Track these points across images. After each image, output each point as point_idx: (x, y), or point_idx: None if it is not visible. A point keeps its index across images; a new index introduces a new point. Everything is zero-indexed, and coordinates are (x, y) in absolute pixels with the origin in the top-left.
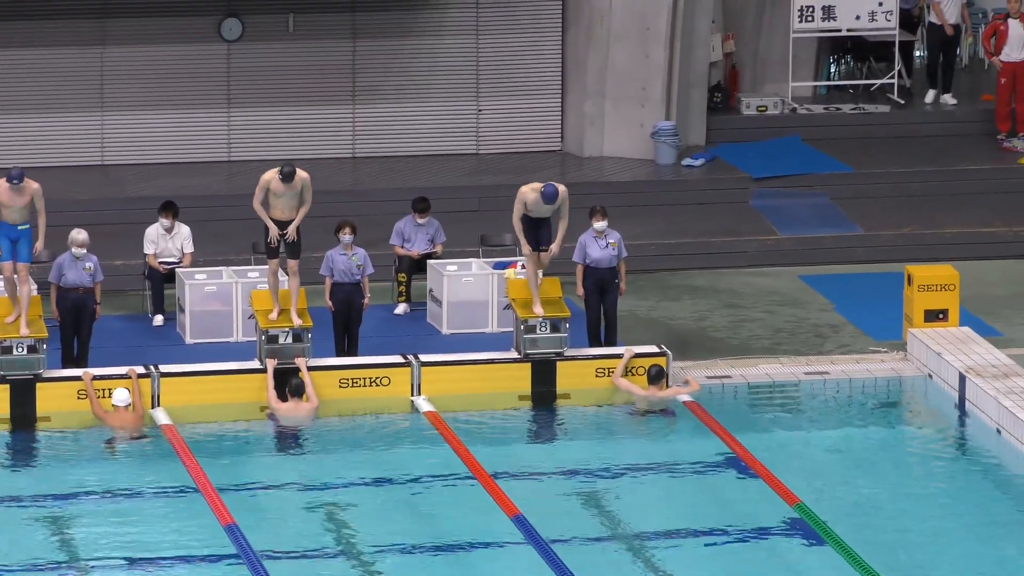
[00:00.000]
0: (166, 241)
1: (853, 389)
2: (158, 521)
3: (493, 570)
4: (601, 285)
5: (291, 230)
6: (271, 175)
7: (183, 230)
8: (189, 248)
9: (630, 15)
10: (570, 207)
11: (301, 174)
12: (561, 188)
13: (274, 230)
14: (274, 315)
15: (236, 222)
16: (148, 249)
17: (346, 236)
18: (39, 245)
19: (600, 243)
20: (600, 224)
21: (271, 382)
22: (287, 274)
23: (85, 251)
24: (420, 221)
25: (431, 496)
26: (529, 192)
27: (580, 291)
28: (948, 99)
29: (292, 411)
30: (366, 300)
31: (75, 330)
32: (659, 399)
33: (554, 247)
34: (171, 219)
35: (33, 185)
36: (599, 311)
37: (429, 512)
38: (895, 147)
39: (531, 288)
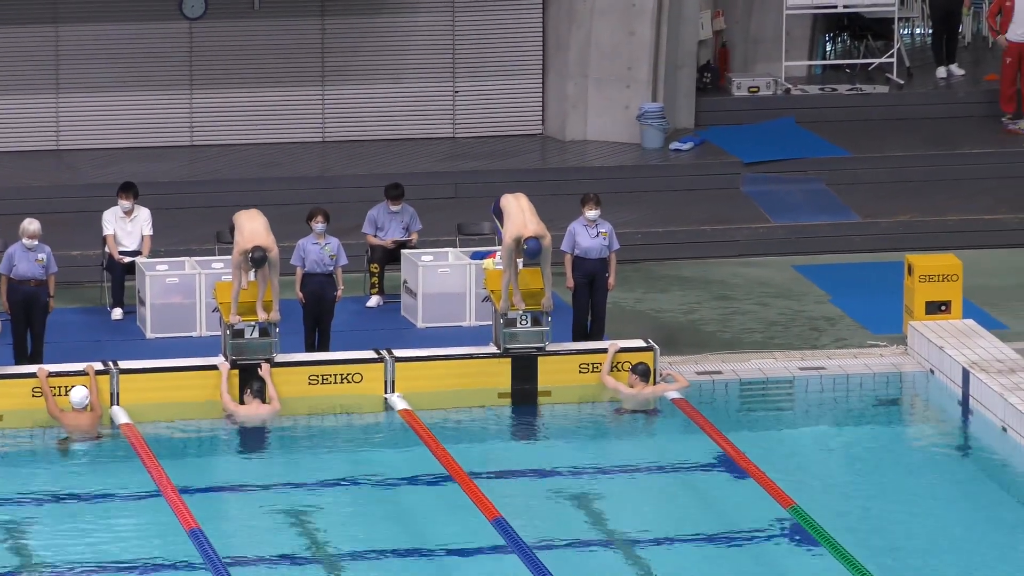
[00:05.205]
0: (125, 224)
1: (851, 385)
2: (117, 526)
3: None
4: (591, 278)
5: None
6: (243, 249)
7: (142, 213)
8: (148, 231)
9: None
10: (555, 194)
11: (271, 256)
12: (545, 243)
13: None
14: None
15: (199, 209)
16: (107, 230)
17: (318, 224)
18: None
19: (591, 231)
20: (592, 213)
21: (225, 384)
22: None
23: (37, 242)
24: (394, 208)
25: (406, 499)
26: (513, 200)
27: (570, 283)
28: (955, 69)
29: (252, 412)
30: (339, 292)
31: (27, 324)
32: (646, 396)
33: (545, 302)
34: (131, 201)
35: None
36: (587, 307)
37: (404, 516)
38: (894, 130)
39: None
